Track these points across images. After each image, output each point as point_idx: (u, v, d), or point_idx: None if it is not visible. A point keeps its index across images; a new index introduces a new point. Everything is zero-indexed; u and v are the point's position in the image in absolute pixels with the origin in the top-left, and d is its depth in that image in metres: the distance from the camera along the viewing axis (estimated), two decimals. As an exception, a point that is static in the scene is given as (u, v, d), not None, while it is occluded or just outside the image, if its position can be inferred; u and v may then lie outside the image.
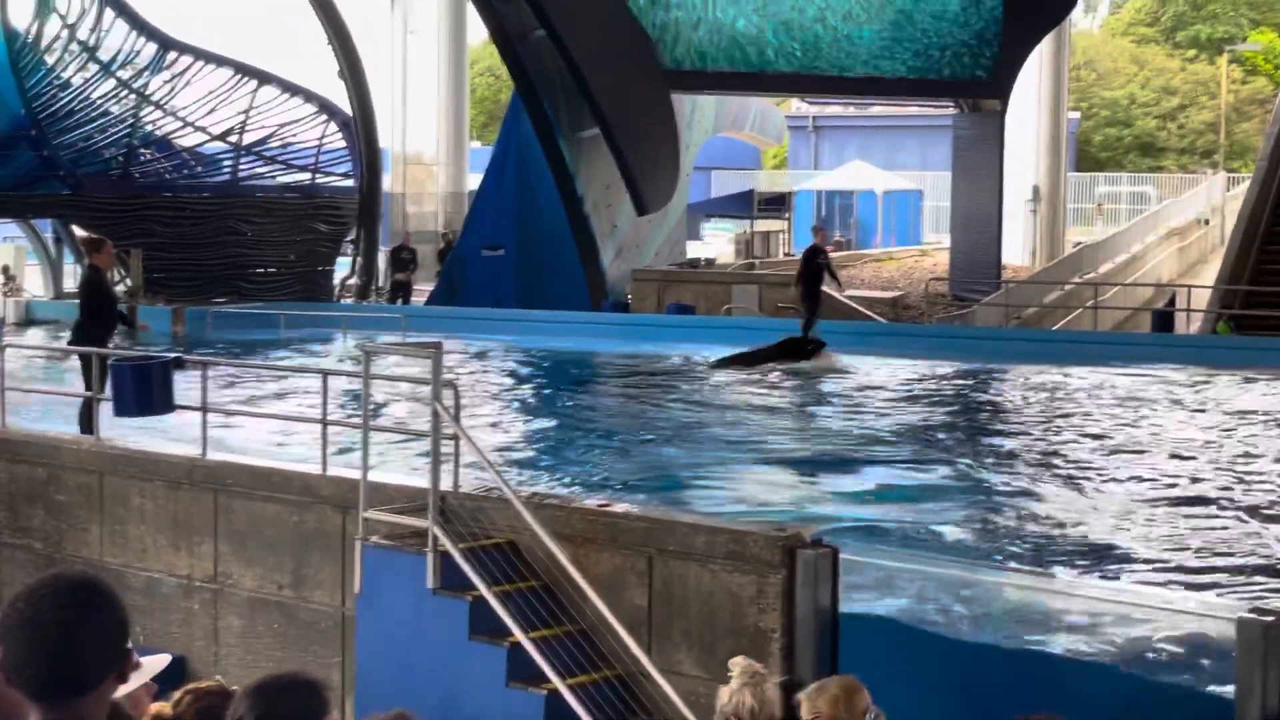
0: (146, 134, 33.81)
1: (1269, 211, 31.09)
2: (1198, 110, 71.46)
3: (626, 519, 9.87)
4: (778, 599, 9.04)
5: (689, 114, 37.11)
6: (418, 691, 9.56)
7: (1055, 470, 15.73)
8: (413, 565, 9.87)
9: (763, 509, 13.47)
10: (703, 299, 30.88)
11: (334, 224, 34.83)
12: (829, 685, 6.24)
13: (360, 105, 34.98)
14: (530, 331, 28.93)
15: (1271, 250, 30.12)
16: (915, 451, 17.05)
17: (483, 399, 21.01)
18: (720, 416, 19.72)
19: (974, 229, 34.54)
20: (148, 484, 12.32)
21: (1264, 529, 12.85)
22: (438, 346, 10.44)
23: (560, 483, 14.50)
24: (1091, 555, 11.92)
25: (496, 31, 32.54)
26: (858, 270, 41.87)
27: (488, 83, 74.62)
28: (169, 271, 32.03)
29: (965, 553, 11.66)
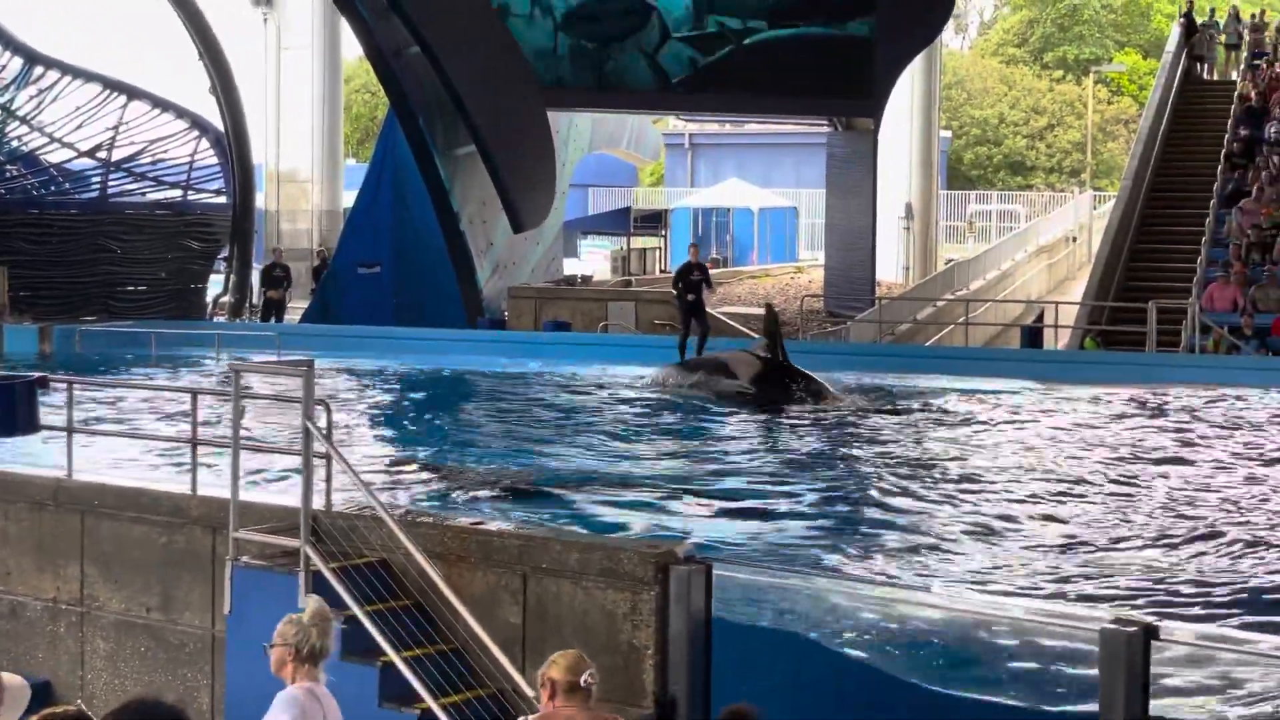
0: (12, 150, 33.18)
1: (1134, 229, 31.77)
2: (1065, 130, 72.78)
3: (500, 537, 9.85)
4: (651, 615, 9.06)
5: (565, 131, 37.14)
6: (289, 713, 9.44)
7: (927, 490, 15.90)
8: (284, 585, 9.78)
9: (637, 526, 13.49)
10: (579, 316, 30.91)
11: (206, 241, 34.39)
12: (556, 657, 7.26)
13: (233, 121, 34.58)
14: (406, 349, 28.76)
15: (1136, 267, 30.77)
16: (784, 471, 17.17)
17: (356, 417, 20.85)
18: (598, 434, 19.73)
19: (848, 246, 34.88)
20: (11, 505, 12.09)
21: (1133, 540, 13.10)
22: (309, 365, 10.35)
23: (434, 501, 14.43)
24: (958, 569, 12.07)
25: (371, 48, 32.40)
26: (734, 287, 42.12)
27: (363, 99, 74.21)
28: (36, 290, 31.45)
29: (837, 568, 11.75)
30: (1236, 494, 15.35)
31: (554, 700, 7.12)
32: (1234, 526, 13.60)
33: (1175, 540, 13.09)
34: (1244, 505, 14.75)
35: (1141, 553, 12.66)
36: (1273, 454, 17.94)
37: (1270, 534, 13.34)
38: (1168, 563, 12.30)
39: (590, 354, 27.71)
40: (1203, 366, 24.86)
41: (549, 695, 7.15)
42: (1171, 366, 25.00)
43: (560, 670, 7.14)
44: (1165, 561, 12.34)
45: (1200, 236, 29.78)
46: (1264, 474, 16.56)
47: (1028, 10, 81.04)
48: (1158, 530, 13.53)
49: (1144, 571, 11.99)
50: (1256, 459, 17.60)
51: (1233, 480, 16.20)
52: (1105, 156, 71.41)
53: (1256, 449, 18.34)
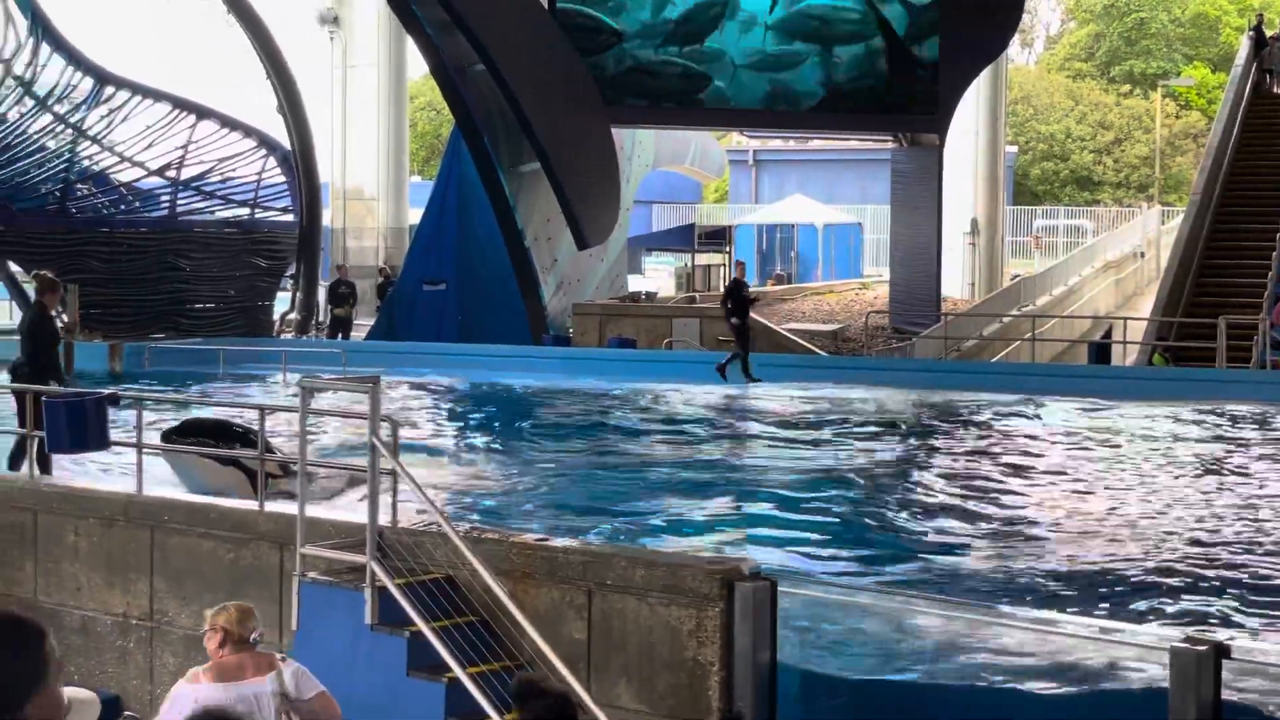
0: (83, 169, 33.55)
1: (1203, 244, 31.46)
2: (1133, 144, 72.25)
3: (565, 553, 9.85)
4: (716, 632, 9.03)
5: (629, 148, 37.21)
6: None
7: (993, 503, 15.81)
8: (350, 601, 9.82)
9: (704, 541, 13.47)
10: (644, 332, 30.93)
11: (273, 259, 34.67)
12: (229, 606, 7.98)
13: (300, 140, 34.86)
14: (471, 366, 28.88)
15: (1206, 282, 30.47)
16: (852, 485, 17.10)
17: (422, 433, 20.93)
18: (658, 450, 19.72)
19: (913, 262, 34.74)
20: (82, 521, 12.21)
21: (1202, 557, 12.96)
22: (375, 381, 10.39)
23: (499, 517, 14.46)
24: (1026, 585, 11.98)
25: (436, 66, 32.56)
26: (798, 303, 42.01)
27: (428, 117, 74.61)
28: (106, 307, 31.76)
29: (904, 585, 11.69)
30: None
31: (223, 649, 7.77)
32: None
33: (1247, 555, 12.95)
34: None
35: (1213, 569, 12.52)
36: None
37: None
38: (1242, 578, 12.16)
39: (654, 371, 27.72)
40: (1273, 383, 24.61)
41: (219, 644, 7.78)
42: (1242, 383, 24.75)
43: (231, 622, 7.81)
44: (1239, 577, 12.20)
45: (1270, 251, 29.46)
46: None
47: (1094, 24, 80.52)
48: (1228, 545, 13.38)
49: (1216, 588, 11.86)
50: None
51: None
52: (1174, 171, 70.83)
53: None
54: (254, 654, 7.91)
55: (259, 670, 7.87)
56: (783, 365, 28.05)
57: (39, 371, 14.34)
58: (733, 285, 27.87)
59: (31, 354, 14.55)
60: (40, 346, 14.56)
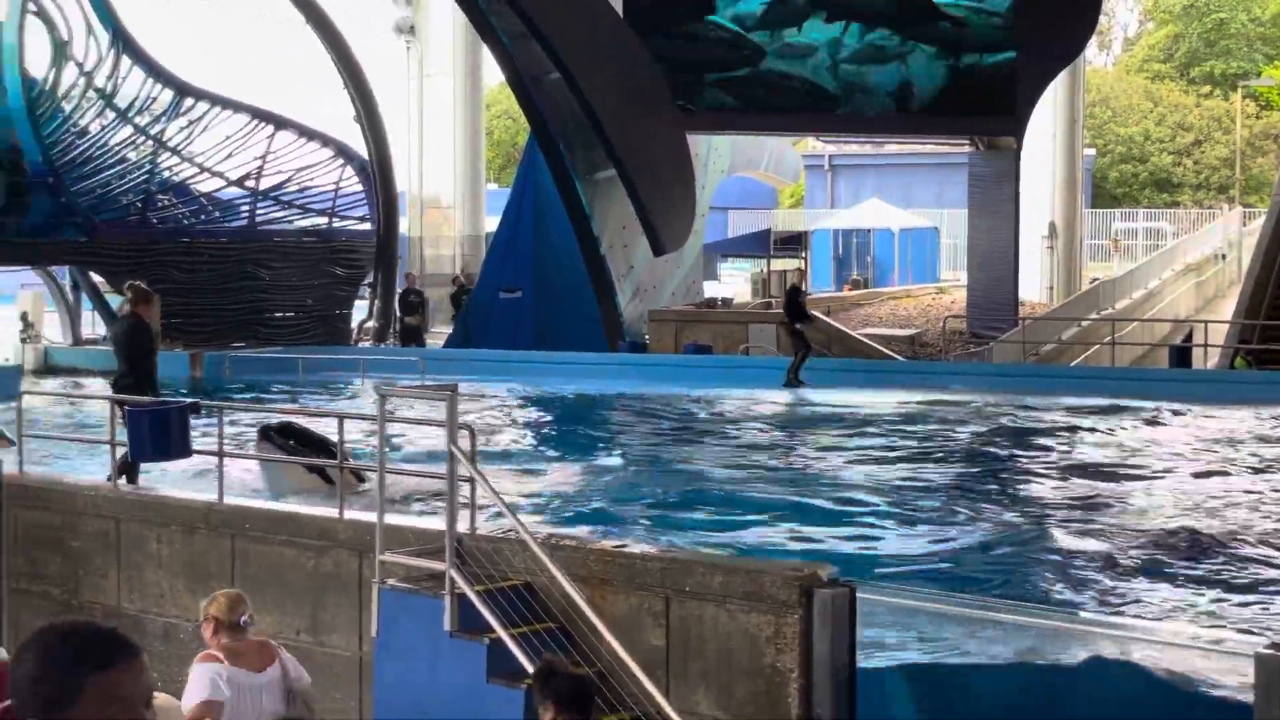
0: (164, 180, 33.94)
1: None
2: (1213, 146, 71.45)
3: (643, 559, 9.85)
4: (795, 639, 8.99)
5: (704, 154, 37.20)
6: (436, 734, 9.54)
7: (1069, 508, 15.67)
8: (430, 608, 9.86)
9: (780, 547, 13.43)
10: (720, 339, 30.90)
11: (351, 268, 34.93)
12: (218, 595, 8.49)
13: (377, 149, 35.11)
14: (547, 373, 28.95)
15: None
16: (932, 491, 17.00)
17: (499, 440, 20.99)
18: (734, 455, 19.69)
19: (991, 266, 34.56)
20: (165, 529, 12.33)
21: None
22: (454, 389, 10.43)
23: (577, 523, 14.48)
24: (1108, 591, 11.86)
25: (512, 74, 32.69)
26: (875, 308, 41.84)
27: (504, 125, 74.90)
28: (187, 317, 32.10)
29: (981, 590, 11.61)
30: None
31: (217, 636, 8.24)
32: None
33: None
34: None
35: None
36: None
37: None
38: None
39: (731, 377, 27.69)
40: (1359, 386, 24.26)
41: (212, 631, 8.28)
42: (1326, 386, 24.42)
43: (221, 609, 8.31)
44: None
45: (1355, 252, 29.07)
46: None
47: (1173, 25, 79.72)
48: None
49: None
50: None
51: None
52: (1255, 172, 69.99)
53: None
54: (249, 639, 8.36)
55: (264, 654, 8.34)
56: (859, 370, 27.95)
57: (139, 383, 14.42)
58: (791, 292, 28.34)
59: (129, 366, 14.63)
60: (137, 357, 14.64)
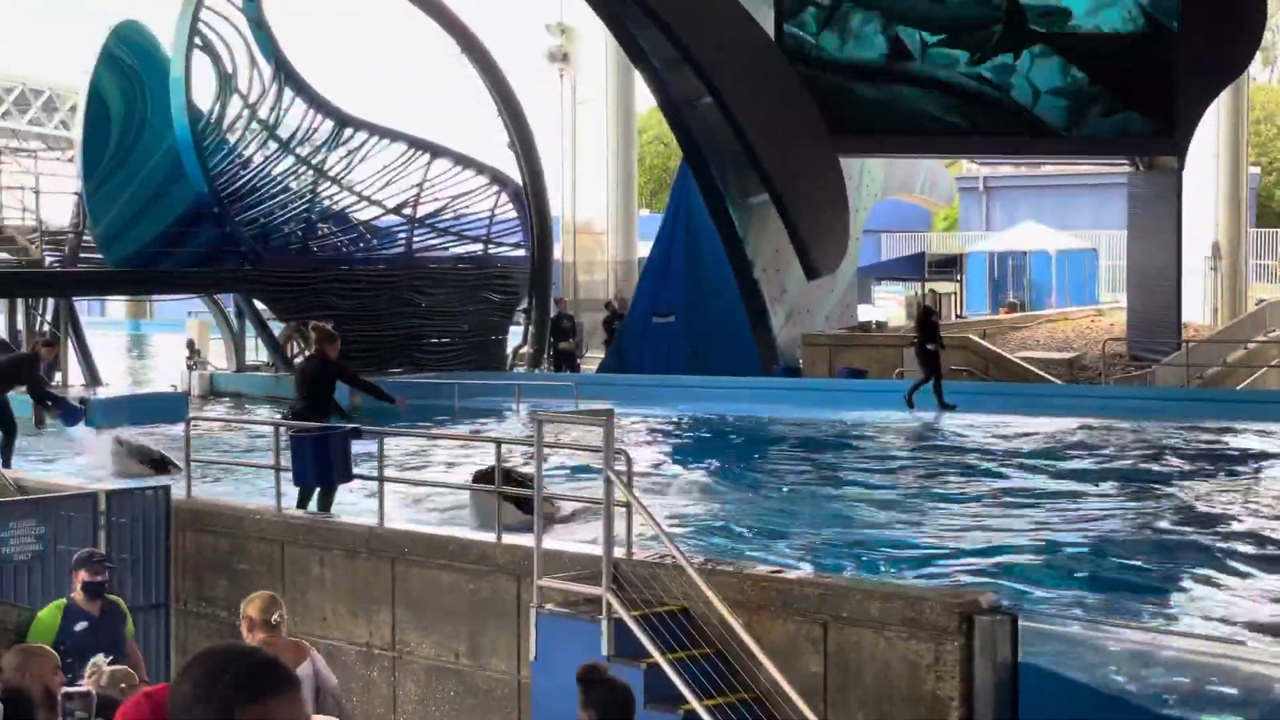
0: (324, 209, 34.53)
1: None
2: (1384, 162, 69.56)
3: (800, 585, 9.79)
4: (955, 666, 8.88)
5: (857, 177, 37.00)
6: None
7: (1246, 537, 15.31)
8: (587, 632, 9.89)
9: (937, 573, 13.28)
10: (874, 363, 30.68)
11: (506, 293, 35.25)
12: (255, 596, 9.06)
13: (531, 175, 35.43)
14: (701, 398, 28.93)
15: None
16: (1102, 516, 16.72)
17: (655, 465, 21.01)
18: (888, 479, 19.52)
19: (1152, 288, 33.94)
20: (327, 553, 12.51)
21: None
22: (609, 414, 10.46)
23: (734, 548, 14.44)
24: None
25: (664, 100, 32.80)
26: (1032, 331, 41.28)
27: (656, 150, 75.07)
28: (347, 343, 32.34)
29: (1152, 618, 11.37)
30: None
31: (253, 633, 8.71)
32: None
33: None
34: None
35: None
36: None
37: None
38: None
39: (886, 401, 27.47)
40: None
41: (248, 629, 8.78)
42: None
43: (256, 610, 8.83)
44: None
45: None
46: None
47: (1340, 39, 77.78)
48: None
49: None
50: None
51: None
52: None
53: None
54: (284, 639, 8.87)
55: (297, 652, 8.86)
56: (1017, 394, 27.59)
57: (315, 417, 14.75)
58: (922, 313, 27.95)
59: (310, 401, 15.04)
60: (318, 393, 15.10)
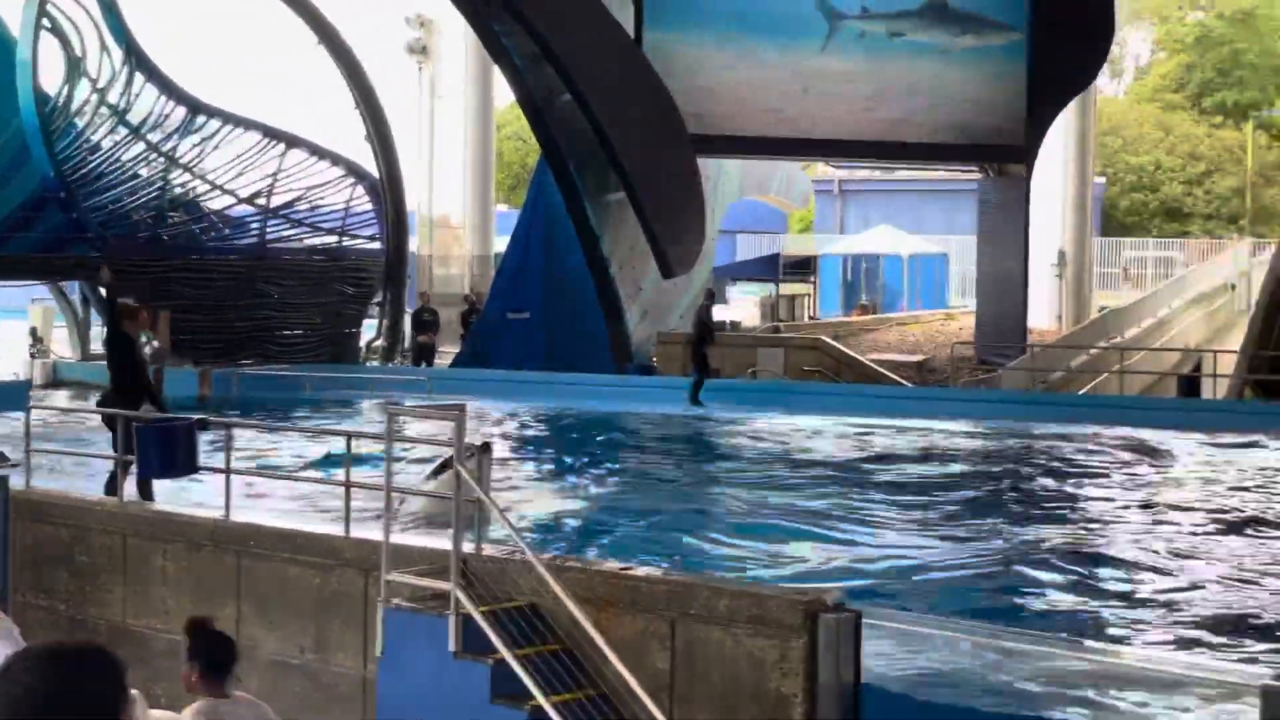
0: (175, 197, 34.01)
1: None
2: (1224, 176, 71.41)
3: (648, 582, 9.83)
4: (800, 664, 8.98)
5: (714, 177, 37.23)
6: (438, 755, 9.53)
7: (1080, 535, 15.65)
8: (434, 628, 9.85)
9: (787, 572, 13.41)
10: (728, 362, 30.88)
11: (360, 286, 34.97)
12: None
13: (388, 168, 35.19)
14: (555, 394, 28.95)
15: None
16: (941, 515, 16.98)
17: (505, 461, 20.98)
18: (736, 477, 19.67)
19: (999, 293, 34.54)
20: (170, 545, 12.33)
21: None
22: (461, 409, 10.43)
23: (584, 545, 14.47)
24: (1117, 620, 11.84)
25: (523, 96, 32.75)
26: (883, 334, 41.83)
27: (514, 146, 74.96)
28: (196, 334, 32.12)
29: (989, 617, 11.59)
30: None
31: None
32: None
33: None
34: None
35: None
36: None
37: None
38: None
39: (738, 399, 27.68)
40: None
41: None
42: (1335, 417, 24.38)
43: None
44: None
45: (1365, 284, 28.98)
46: None
47: (1185, 55, 79.73)
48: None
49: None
50: None
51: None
52: (1266, 203, 69.96)
53: None
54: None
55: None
56: (867, 396, 27.95)
57: (124, 396, 14.54)
58: (704, 312, 28.90)
59: (113, 378, 14.91)
60: (116, 370, 14.90)
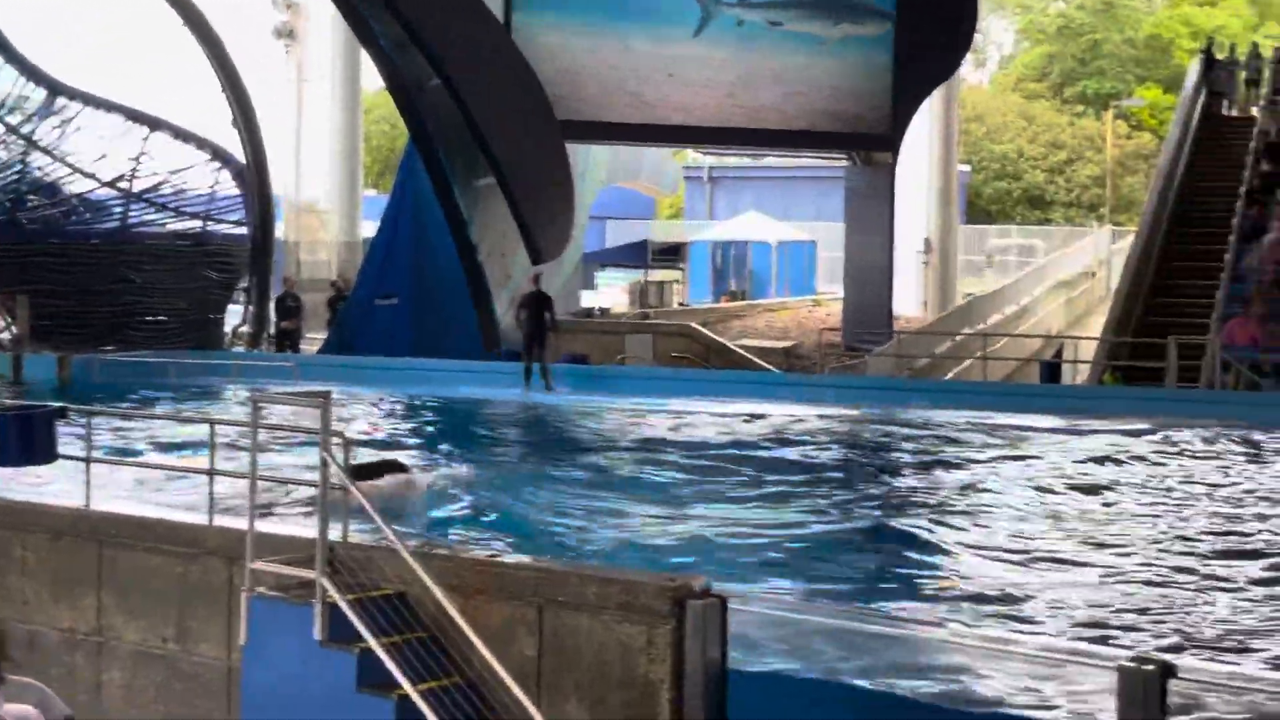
0: (34, 180, 33.33)
1: (1153, 264, 31.68)
2: (1085, 165, 72.77)
3: (516, 569, 9.83)
4: (667, 649, 9.03)
5: (584, 163, 37.23)
6: (305, 745, 9.46)
7: (945, 520, 15.86)
8: (300, 617, 9.76)
9: (651, 558, 13.46)
10: (597, 349, 30.93)
11: (226, 272, 34.49)
12: None
13: (254, 152, 34.73)
14: (423, 381, 28.78)
15: (1156, 302, 30.68)
16: (807, 501, 17.13)
17: (374, 448, 20.83)
18: (611, 461, 19.72)
19: (866, 280, 34.90)
20: (29, 535, 12.10)
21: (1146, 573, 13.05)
22: (327, 396, 10.34)
23: (453, 532, 14.42)
24: (978, 602, 12.03)
25: (391, 80, 32.49)
26: (752, 320, 42.13)
27: (383, 131, 74.47)
28: (56, 319, 31.53)
29: (853, 600, 11.72)
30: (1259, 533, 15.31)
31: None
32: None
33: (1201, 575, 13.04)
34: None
35: (1166, 588, 12.61)
36: None
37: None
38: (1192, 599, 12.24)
39: (607, 386, 27.72)
40: (1222, 403, 24.79)
41: None
42: (1191, 402, 24.92)
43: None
44: (1189, 597, 12.29)
45: (1220, 272, 29.68)
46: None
47: (1048, 45, 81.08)
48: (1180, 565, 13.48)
49: (1169, 607, 11.94)
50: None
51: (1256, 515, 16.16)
52: (1125, 191, 71.38)
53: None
54: None
55: None
56: (735, 382, 28.11)
57: None
58: (524, 297, 28.74)
59: None
60: None
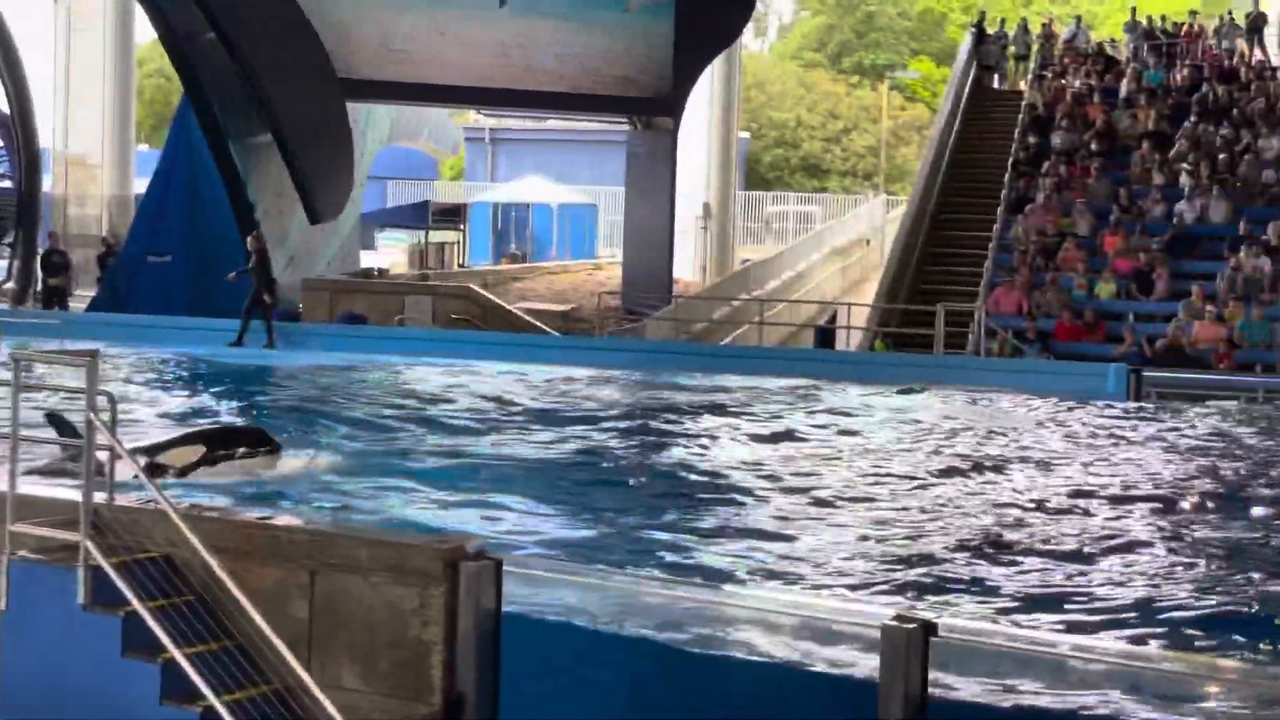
0: None
1: (924, 233, 32.48)
2: (860, 134, 74.13)
3: (288, 532, 9.72)
4: (440, 612, 9.02)
5: (363, 122, 36.80)
6: (68, 712, 9.25)
7: (720, 484, 16.09)
8: (62, 580, 9.53)
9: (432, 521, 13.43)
10: (375, 310, 30.66)
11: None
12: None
13: (19, 103, 33.68)
14: (195, 340, 28.23)
15: (927, 270, 31.47)
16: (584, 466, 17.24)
17: (142, 408, 20.41)
18: (394, 425, 19.59)
19: (646, 244, 35.15)
20: None
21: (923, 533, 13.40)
22: (94, 354, 10.09)
23: (226, 495, 14.19)
24: (752, 564, 12.24)
25: (165, 32, 31.76)
26: (532, 283, 42.13)
27: (157, 84, 72.64)
28: None
29: (630, 564, 11.83)
30: (1023, 492, 15.80)
31: None
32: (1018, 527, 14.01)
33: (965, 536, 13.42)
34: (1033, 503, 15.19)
35: (930, 548, 12.95)
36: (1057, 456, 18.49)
37: (1056, 537, 13.76)
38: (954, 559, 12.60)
39: (384, 347, 27.52)
40: (988, 369, 25.52)
41: None
42: (958, 369, 25.62)
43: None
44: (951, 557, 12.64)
45: (988, 242, 30.53)
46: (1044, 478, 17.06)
47: (826, 16, 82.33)
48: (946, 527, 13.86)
49: (932, 567, 12.27)
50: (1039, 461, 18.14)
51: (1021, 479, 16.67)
52: (898, 161, 72.92)
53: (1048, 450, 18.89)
54: None
55: None
56: (514, 345, 28.10)
57: None
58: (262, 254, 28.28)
59: None
60: None
